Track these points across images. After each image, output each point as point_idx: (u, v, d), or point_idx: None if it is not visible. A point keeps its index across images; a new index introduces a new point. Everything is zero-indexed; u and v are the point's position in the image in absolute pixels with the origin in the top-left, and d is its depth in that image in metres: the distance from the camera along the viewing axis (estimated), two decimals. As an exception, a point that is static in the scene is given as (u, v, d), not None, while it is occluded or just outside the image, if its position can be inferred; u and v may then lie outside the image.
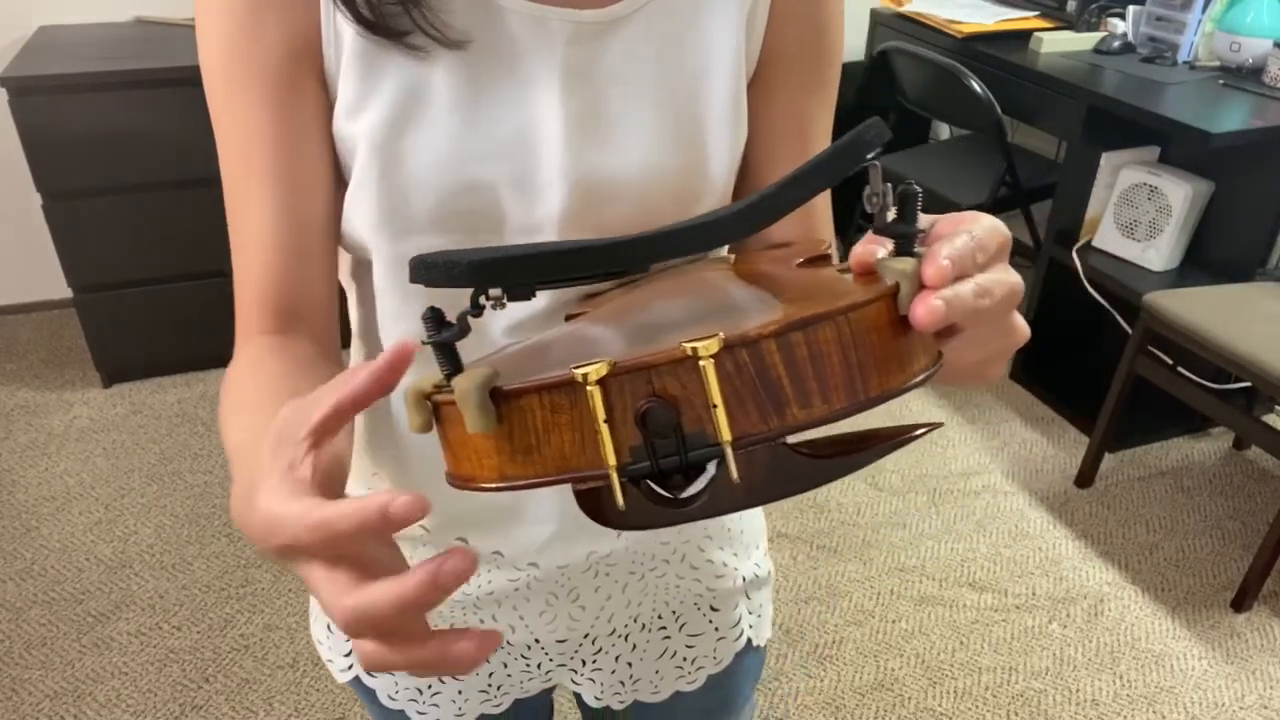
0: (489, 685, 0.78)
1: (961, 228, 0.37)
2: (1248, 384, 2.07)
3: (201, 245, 2.41)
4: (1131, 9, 2.53)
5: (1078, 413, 2.49)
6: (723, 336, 0.31)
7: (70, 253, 2.34)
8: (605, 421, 0.32)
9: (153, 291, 2.45)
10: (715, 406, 0.31)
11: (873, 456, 0.35)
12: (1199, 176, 2.21)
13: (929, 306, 0.33)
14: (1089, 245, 2.38)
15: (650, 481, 0.33)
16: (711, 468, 0.33)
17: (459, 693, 0.77)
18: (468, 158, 0.55)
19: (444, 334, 0.36)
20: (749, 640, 0.81)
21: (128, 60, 2.26)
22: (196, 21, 0.55)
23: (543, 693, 0.84)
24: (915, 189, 0.35)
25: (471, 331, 0.38)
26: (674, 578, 0.76)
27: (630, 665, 0.80)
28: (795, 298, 0.37)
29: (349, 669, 0.77)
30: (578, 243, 0.37)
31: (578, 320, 0.51)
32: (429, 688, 0.77)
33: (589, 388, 0.31)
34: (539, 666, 0.78)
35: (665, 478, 0.33)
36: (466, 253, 0.36)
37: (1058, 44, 2.49)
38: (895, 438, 0.35)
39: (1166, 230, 2.23)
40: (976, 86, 2.40)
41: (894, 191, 0.36)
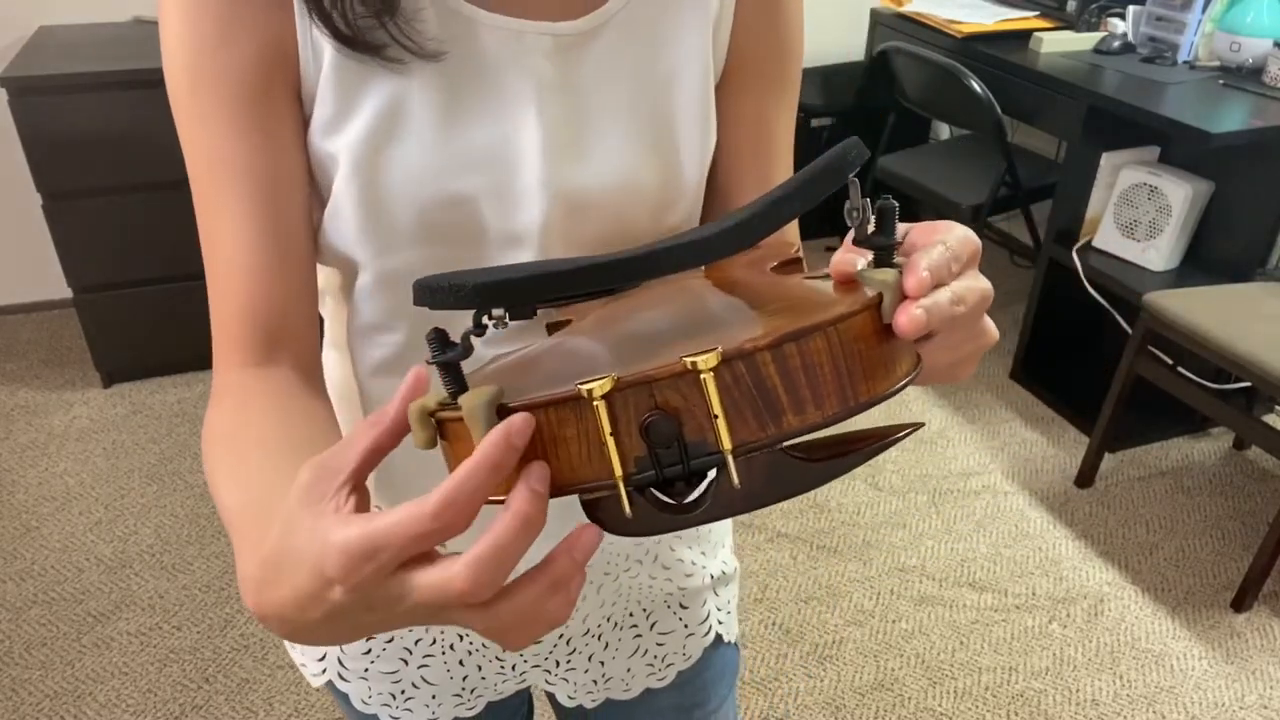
0: (463, 689, 0.79)
1: (936, 238, 0.39)
2: (1248, 384, 2.07)
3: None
4: (1131, 9, 2.53)
5: (1078, 413, 2.49)
6: (721, 350, 0.32)
7: (70, 253, 2.34)
8: (611, 434, 0.33)
9: (153, 291, 2.45)
10: (716, 417, 0.32)
11: (863, 458, 0.36)
12: (1199, 176, 2.22)
13: (911, 315, 0.35)
14: (1089, 245, 2.38)
15: (655, 489, 0.34)
16: (712, 474, 0.34)
17: (432, 697, 0.78)
18: (448, 171, 0.55)
19: (449, 354, 0.37)
20: (718, 635, 0.83)
21: (128, 60, 2.26)
22: (161, 27, 0.53)
23: (516, 693, 0.85)
24: (893, 204, 0.38)
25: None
26: (646, 577, 0.78)
27: (603, 664, 0.81)
28: (780, 308, 0.39)
29: (322, 673, 0.77)
30: (581, 261, 0.38)
31: (562, 332, 0.52)
32: (402, 693, 0.77)
33: (595, 402, 0.33)
34: (513, 668, 0.79)
35: (668, 485, 0.34)
36: (471, 274, 0.37)
37: (1058, 44, 2.49)
38: (883, 439, 0.37)
39: (1166, 230, 2.23)
40: (976, 86, 2.40)
41: (873, 205, 0.38)
